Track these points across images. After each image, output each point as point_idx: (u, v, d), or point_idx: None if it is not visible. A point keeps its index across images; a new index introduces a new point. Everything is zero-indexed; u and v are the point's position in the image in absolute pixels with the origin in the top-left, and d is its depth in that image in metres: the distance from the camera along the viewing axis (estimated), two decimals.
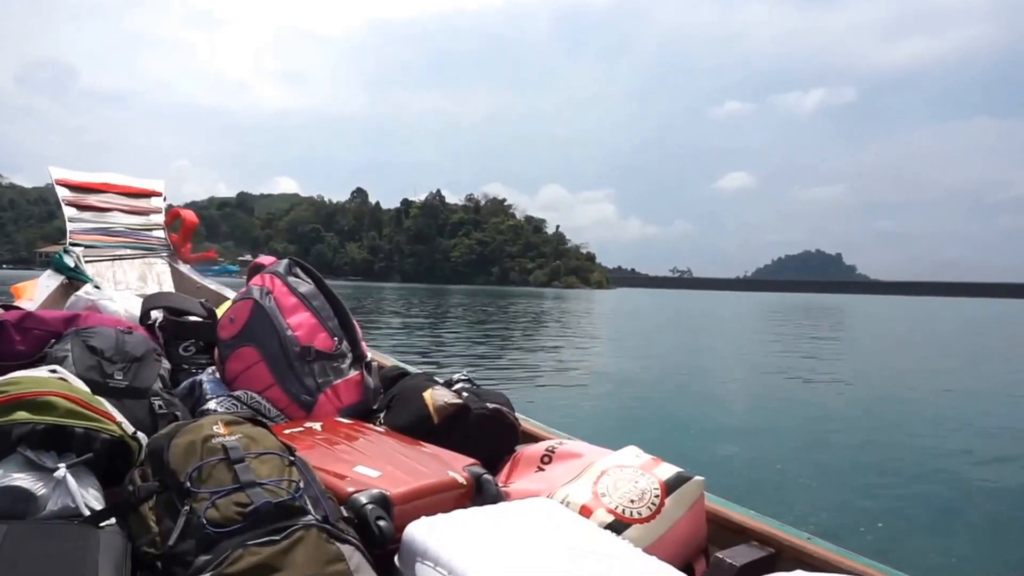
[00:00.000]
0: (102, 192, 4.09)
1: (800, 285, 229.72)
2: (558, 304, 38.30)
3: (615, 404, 7.02)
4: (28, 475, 0.93)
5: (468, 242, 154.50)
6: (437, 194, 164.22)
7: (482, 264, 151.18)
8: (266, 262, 1.94)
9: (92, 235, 3.82)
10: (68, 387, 1.09)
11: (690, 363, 11.28)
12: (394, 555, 0.99)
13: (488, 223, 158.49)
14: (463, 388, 1.67)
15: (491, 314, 23.02)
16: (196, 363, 1.95)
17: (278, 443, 1.02)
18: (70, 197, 3.96)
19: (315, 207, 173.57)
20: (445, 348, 11.03)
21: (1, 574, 0.74)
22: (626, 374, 9.33)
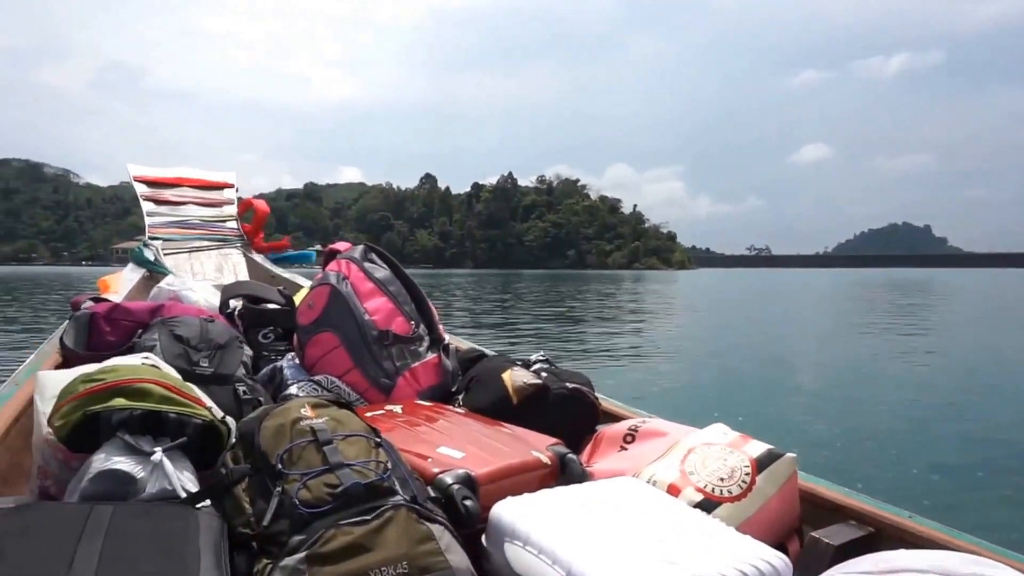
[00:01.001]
0: (177, 186, 4.31)
1: (886, 260, 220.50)
2: (638, 286, 37.91)
3: (697, 383, 6.94)
4: (128, 459, 1.00)
5: (542, 225, 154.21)
6: (509, 177, 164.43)
7: (557, 247, 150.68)
8: (341, 248, 2.01)
9: (169, 228, 4.05)
10: (161, 374, 1.16)
11: (773, 341, 11.00)
12: (481, 535, 1.01)
13: (562, 205, 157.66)
14: (542, 368, 1.70)
15: (567, 297, 23.00)
16: (275, 350, 2.05)
17: (364, 425, 1.06)
18: (147, 192, 4.20)
19: (383, 195, 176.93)
20: (520, 332, 11.11)
21: (113, 551, 0.79)
22: (708, 353, 9.20)
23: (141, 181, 4.20)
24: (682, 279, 62.27)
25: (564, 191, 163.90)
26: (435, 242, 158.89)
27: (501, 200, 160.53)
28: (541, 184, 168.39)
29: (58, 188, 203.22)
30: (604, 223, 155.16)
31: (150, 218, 4.04)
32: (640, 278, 65.79)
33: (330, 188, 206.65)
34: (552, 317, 14.77)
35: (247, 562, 0.88)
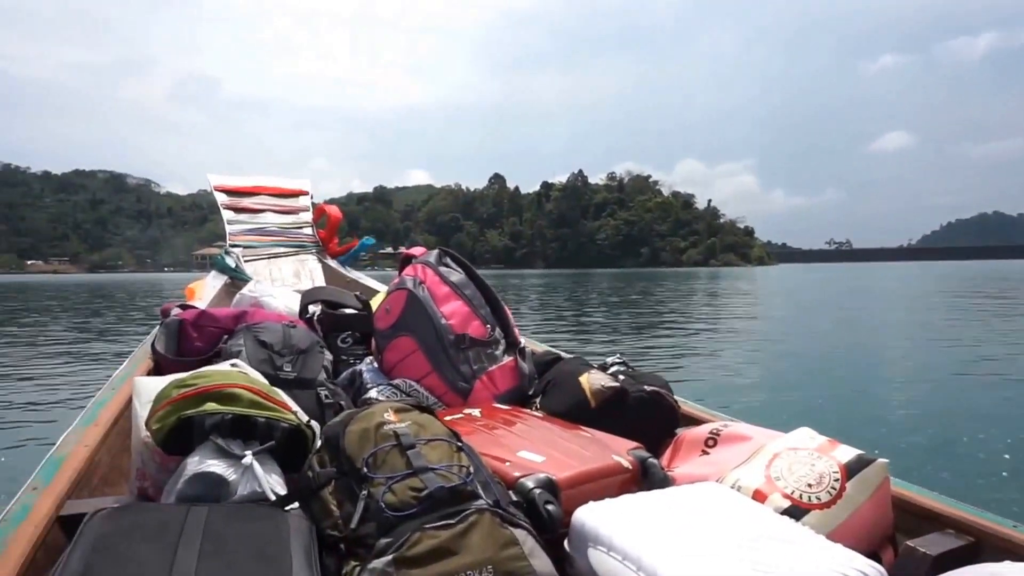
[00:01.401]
0: (255, 195, 4.50)
1: (976, 251, 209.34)
2: (715, 283, 37.13)
3: (780, 385, 6.74)
4: (220, 462, 1.05)
5: (614, 223, 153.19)
6: (579, 175, 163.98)
7: (630, 245, 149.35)
8: (417, 252, 2.06)
9: (248, 236, 4.23)
10: (249, 379, 1.22)
11: (860, 340, 10.58)
12: (563, 540, 1.02)
13: (633, 202, 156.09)
14: (619, 371, 1.70)
15: (641, 296, 22.75)
16: (353, 353, 2.12)
17: (445, 429, 1.08)
18: (227, 201, 4.40)
19: (453, 196, 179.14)
20: (594, 333, 11.06)
21: (211, 551, 0.83)
22: (790, 354, 8.93)
23: (221, 190, 4.40)
24: (761, 275, 60.64)
25: (635, 188, 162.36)
26: (505, 242, 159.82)
27: (571, 198, 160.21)
28: (611, 181, 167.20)
29: (141, 198, 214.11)
30: (678, 219, 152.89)
31: (230, 226, 4.23)
32: (717, 275, 64.43)
33: (399, 191, 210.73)
34: (627, 317, 14.65)
35: (336, 564, 0.91)
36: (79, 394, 6.21)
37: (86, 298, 26.32)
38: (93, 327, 13.28)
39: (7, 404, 5.85)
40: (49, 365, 8.09)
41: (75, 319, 15.61)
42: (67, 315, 17.03)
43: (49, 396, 6.20)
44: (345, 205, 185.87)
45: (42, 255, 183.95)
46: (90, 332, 12.35)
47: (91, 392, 5.53)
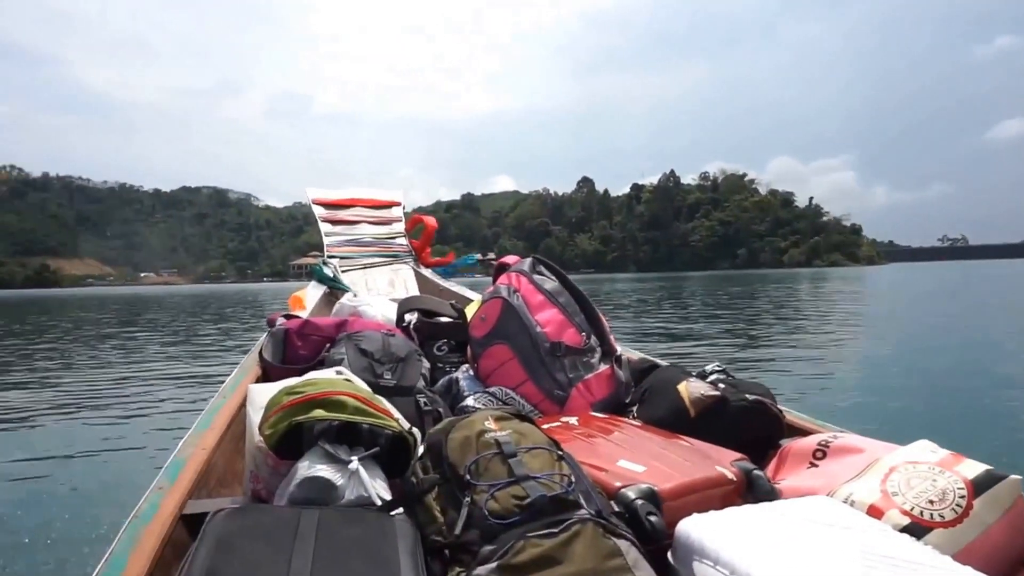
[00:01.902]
0: (350, 207, 4.70)
1: None
2: (820, 285, 35.68)
3: (894, 394, 6.38)
4: (329, 467, 1.10)
5: (708, 224, 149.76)
6: (671, 175, 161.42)
7: (726, 246, 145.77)
8: (510, 261, 2.09)
9: (345, 247, 4.42)
10: (354, 387, 1.27)
11: (983, 345, 9.90)
12: (665, 551, 1.01)
13: (728, 202, 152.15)
14: (718, 379, 1.67)
15: (740, 300, 22.14)
16: (449, 361, 2.17)
17: (545, 438, 1.09)
18: (324, 214, 4.62)
19: (540, 201, 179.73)
20: (690, 340, 10.83)
21: (324, 553, 0.88)
22: (904, 360, 8.45)
23: (319, 203, 4.62)
24: (871, 276, 57.84)
25: (730, 187, 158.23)
26: (596, 246, 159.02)
27: (663, 200, 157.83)
28: (704, 181, 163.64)
29: (241, 211, 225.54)
30: (777, 218, 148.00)
31: (327, 238, 4.44)
32: (821, 276, 61.91)
33: (486, 198, 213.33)
34: (724, 322, 14.29)
35: (441, 569, 0.93)
36: (190, 398, 6.60)
37: (194, 308, 27.89)
38: (201, 335, 14.05)
39: (128, 408, 6.27)
40: (163, 371, 8.63)
41: (184, 328, 16.56)
42: (177, 324, 18.09)
43: (163, 400, 6.61)
44: (434, 212, 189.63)
45: (154, 268, 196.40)
46: (199, 340, 13.08)
47: (201, 396, 5.86)
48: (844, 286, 33.27)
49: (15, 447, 4.96)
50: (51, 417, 5.96)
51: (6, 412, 6.14)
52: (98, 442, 5.04)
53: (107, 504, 3.58)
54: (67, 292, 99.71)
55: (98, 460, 4.57)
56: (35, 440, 5.18)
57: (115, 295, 65.58)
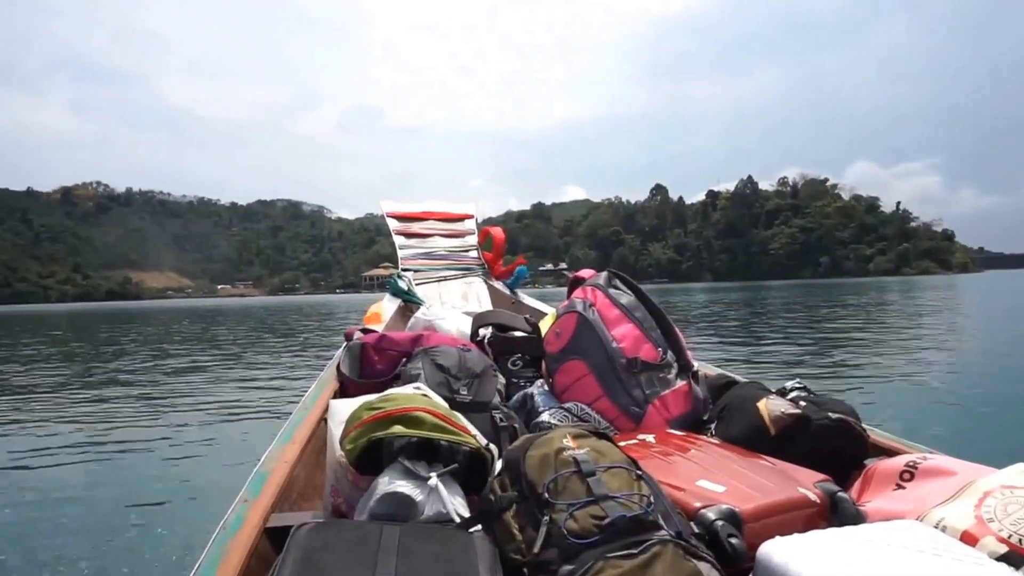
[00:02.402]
0: (423, 220, 4.83)
1: None
2: (909, 294, 34.27)
3: (987, 413, 6.06)
4: (408, 483, 1.13)
5: (789, 231, 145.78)
6: (748, 181, 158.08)
7: (807, 254, 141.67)
8: (586, 275, 2.12)
9: (419, 260, 4.54)
10: (432, 403, 1.30)
11: None
12: (747, 575, 1.01)
13: (809, 208, 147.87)
14: (799, 397, 1.64)
15: (822, 311, 21.47)
16: (523, 376, 2.19)
17: (624, 456, 1.09)
18: (398, 227, 4.75)
19: (613, 209, 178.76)
20: (769, 352, 10.58)
21: (406, 569, 0.90)
22: (1000, 377, 8.02)
23: (393, 216, 4.76)
24: (963, 283, 55.24)
25: (810, 193, 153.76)
26: (670, 255, 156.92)
27: (740, 207, 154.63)
28: (783, 187, 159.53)
29: (314, 223, 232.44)
30: (862, 224, 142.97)
31: (401, 251, 4.57)
32: (911, 284, 59.48)
33: (557, 207, 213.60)
34: (806, 334, 13.89)
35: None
36: (268, 408, 6.84)
37: (270, 319, 28.79)
38: (278, 346, 14.51)
39: (210, 417, 6.55)
40: (242, 381, 8.96)
41: (261, 339, 17.12)
42: (254, 335, 18.71)
43: (243, 410, 6.87)
44: (504, 223, 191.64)
45: (230, 280, 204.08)
46: (276, 351, 13.53)
47: (277, 406, 6.06)
48: (935, 295, 31.88)
49: (102, 455, 5.25)
50: (137, 428, 6.27)
51: (94, 423, 6.48)
52: (181, 451, 5.28)
53: (192, 513, 3.75)
54: (148, 304, 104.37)
55: (181, 470, 4.79)
56: (122, 449, 5.46)
57: (194, 307, 68.29)
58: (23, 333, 24.43)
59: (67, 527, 3.64)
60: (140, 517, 3.77)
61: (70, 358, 13.81)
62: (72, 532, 3.57)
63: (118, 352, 14.79)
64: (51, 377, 10.34)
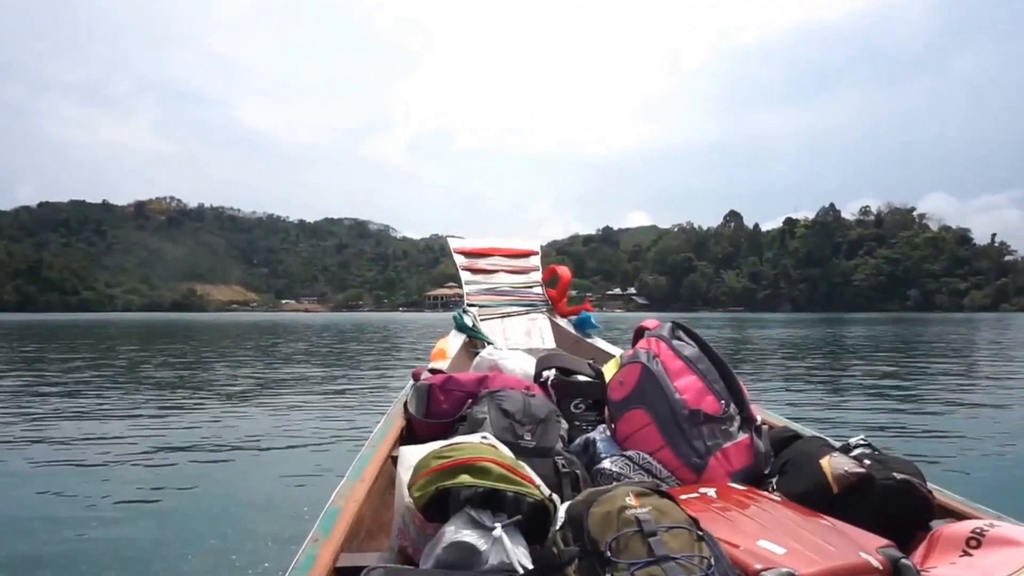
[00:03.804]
0: (489, 256, 4.99)
1: None
2: (1005, 332, 32.65)
3: None
4: (473, 532, 1.20)
5: (873, 261, 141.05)
6: (830, 209, 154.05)
7: (894, 287, 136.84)
8: (650, 325, 2.19)
9: (484, 295, 4.70)
10: (498, 454, 1.39)
11: None
12: None
13: (896, 237, 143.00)
14: (863, 454, 1.66)
15: (905, 350, 20.67)
16: (586, 419, 2.27)
17: (685, 516, 1.13)
18: (464, 263, 4.93)
19: (684, 235, 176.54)
20: (839, 395, 10.26)
21: None
22: None
23: (459, 252, 4.96)
24: None
25: (896, 222, 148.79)
26: (745, 283, 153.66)
27: (820, 235, 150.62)
28: (865, 216, 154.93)
29: (380, 242, 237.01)
30: (954, 257, 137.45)
31: (467, 286, 4.74)
32: (1009, 321, 56.69)
33: (624, 232, 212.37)
34: (885, 372, 13.43)
35: None
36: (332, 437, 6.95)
37: (337, 338, 29.29)
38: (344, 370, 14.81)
39: (275, 443, 6.56)
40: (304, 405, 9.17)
41: (326, 360, 17.52)
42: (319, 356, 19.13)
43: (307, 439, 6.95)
44: (570, 246, 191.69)
45: (295, 295, 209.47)
46: (340, 374, 13.82)
47: (341, 434, 6.10)
48: None
49: (165, 484, 5.08)
50: (198, 454, 6.16)
51: (157, 451, 6.34)
52: (242, 478, 5.24)
53: (256, 550, 3.62)
54: (211, 317, 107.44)
55: (243, 499, 4.67)
56: (180, 478, 5.29)
57: (257, 321, 69.22)
58: (82, 339, 25.38)
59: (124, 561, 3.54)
60: (207, 545, 3.69)
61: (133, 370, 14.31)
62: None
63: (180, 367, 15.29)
64: (104, 393, 10.77)
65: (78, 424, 7.53)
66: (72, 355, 18.57)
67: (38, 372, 13.75)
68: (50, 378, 12.37)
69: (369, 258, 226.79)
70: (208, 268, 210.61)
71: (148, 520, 4.21)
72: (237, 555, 3.53)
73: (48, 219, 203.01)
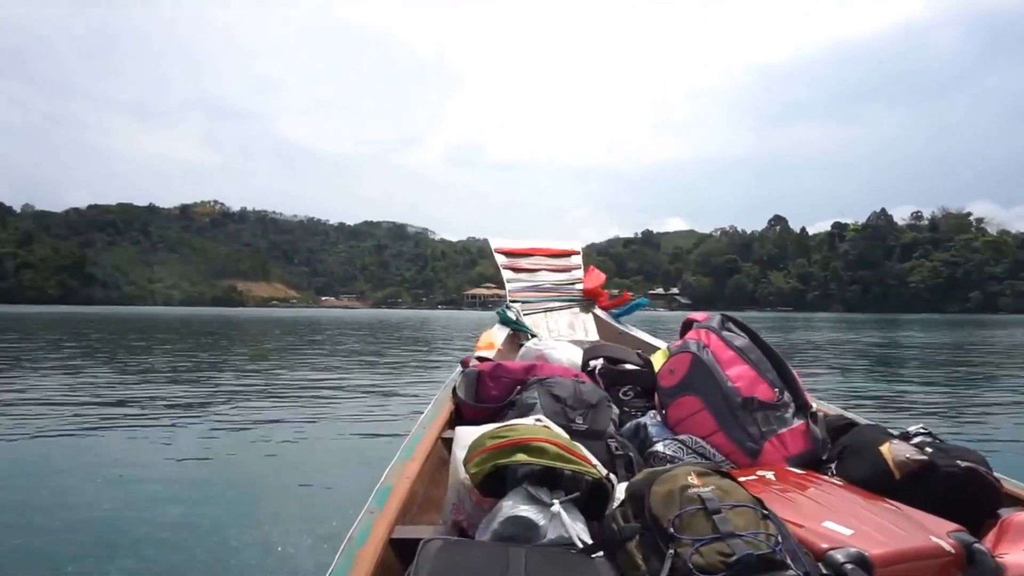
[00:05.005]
0: (530, 256, 5.11)
1: None
2: None
3: None
4: (531, 507, 1.22)
5: (930, 264, 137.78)
6: (881, 213, 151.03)
7: (954, 288, 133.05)
8: (699, 317, 2.19)
9: (526, 292, 4.78)
10: (553, 434, 1.40)
11: None
12: None
13: (952, 241, 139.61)
14: (923, 442, 1.63)
15: (968, 350, 20.13)
16: (634, 406, 2.29)
17: (749, 495, 1.12)
18: (506, 262, 5.05)
19: (727, 238, 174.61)
20: (895, 391, 10.04)
21: None
22: None
23: (501, 252, 5.07)
24: None
25: (952, 226, 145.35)
26: (793, 284, 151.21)
27: (872, 239, 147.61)
28: (916, 220, 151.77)
29: (418, 243, 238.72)
30: (1017, 260, 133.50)
31: (509, 284, 4.85)
32: None
33: (664, 236, 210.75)
34: (945, 374, 13.10)
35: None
36: (376, 421, 7.22)
37: (383, 334, 29.53)
38: (386, 362, 15.06)
39: (327, 426, 7.02)
40: (346, 392, 9.48)
41: (368, 353, 17.71)
42: (366, 350, 19.37)
43: (355, 423, 7.27)
44: (610, 248, 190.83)
45: (334, 292, 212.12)
46: (383, 364, 14.09)
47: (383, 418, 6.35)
48: None
49: (231, 462, 5.69)
50: (257, 435, 6.71)
51: (219, 430, 6.92)
52: (300, 459, 5.71)
53: (314, 522, 4.00)
54: (251, 312, 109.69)
55: (303, 476, 5.15)
56: (242, 458, 5.85)
57: (299, 316, 70.22)
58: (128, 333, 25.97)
59: (183, 531, 3.88)
60: (263, 527, 3.98)
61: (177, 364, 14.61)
62: (191, 537, 3.80)
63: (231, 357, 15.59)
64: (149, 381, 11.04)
65: (162, 411, 8.03)
66: (136, 345, 19.05)
67: (106, 363, 14.20)
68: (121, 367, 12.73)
69: (407, 258, 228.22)
70: (250, 266, 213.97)
71: (212, 495, 4.71)
72: (292, 529, 3.89)
73: (96, 220, 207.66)
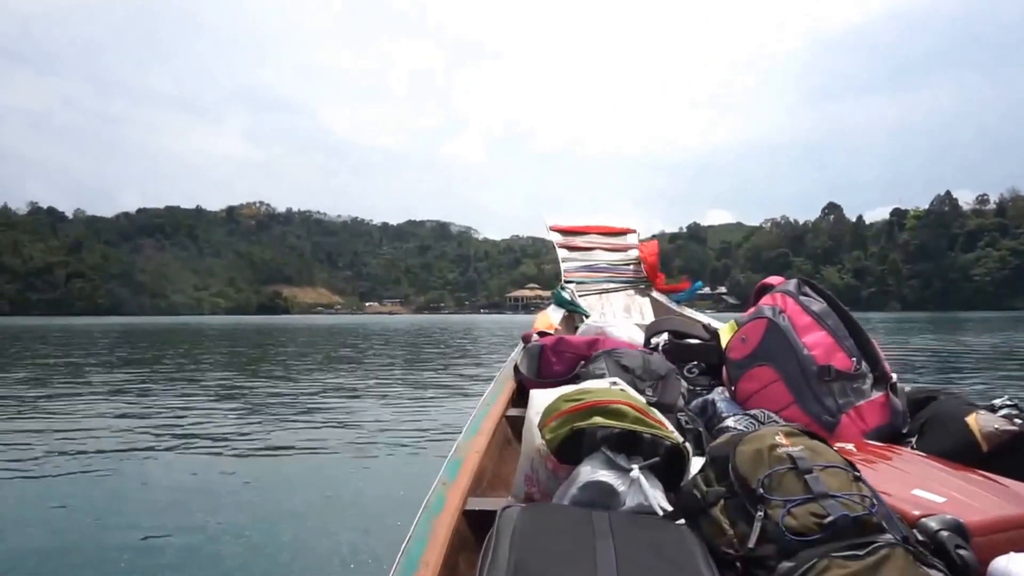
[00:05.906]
0: (585, 234, 5.05)
1: None
2: None
3: None
4: (611, 472, 1.20)
5: (997, 254, 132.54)
6: (946, 198, 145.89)
7: (1021, 282, 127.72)
8: (774, 282, 2.16)
9: (581, 272, 4.75)
10: (630, 397, 1.39)
11: None
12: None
13: (1022, 228, 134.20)
14: (1011, 414, 1.59)
15: None
16: (699, 384, 2.26)
17: (840, 457, 1.08)
18: (561, 241, 5.00)
19: (779, 229, 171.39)
20: (965, 372, 9.81)
21: (624, 553, 0.93)
22: None
23: (556, 230, 5.02)
24: None
25: (1022, 211, 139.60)
26: (847, 280, 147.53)
27: (934, 226, 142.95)
28: (982, 205, 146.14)
29: (461, 243, 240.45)
30: None
31: (564, 263, 4.80)
32: None
33: (711, 229, 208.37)
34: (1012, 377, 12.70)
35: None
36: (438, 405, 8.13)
37: (418, 338, 30.25)
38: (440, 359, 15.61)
39: (392, 412, 8.26)
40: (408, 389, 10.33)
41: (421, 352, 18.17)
42: (423, 352, 20.04)
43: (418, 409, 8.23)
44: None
45: (377, 297, 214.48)
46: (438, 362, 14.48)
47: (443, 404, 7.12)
48: None
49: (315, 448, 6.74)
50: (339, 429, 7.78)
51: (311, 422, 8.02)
52: (372, 443, 6.74)
53: (386, 497, 4.66)
54: (296, 319, 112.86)
55: (374, 459, 6.14)
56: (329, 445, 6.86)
57: (344, 323, 72.64)
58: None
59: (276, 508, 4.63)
60: (342, 499, 4.73)
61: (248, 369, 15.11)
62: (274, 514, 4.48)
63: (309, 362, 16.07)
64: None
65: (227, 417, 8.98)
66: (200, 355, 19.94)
67: (157, 372, 15.21)
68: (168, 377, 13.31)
69: (450, 259, 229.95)
70: (295, 271, 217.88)
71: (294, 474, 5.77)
72: (363, 506, 4.65)
73: (145, 224, 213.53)
